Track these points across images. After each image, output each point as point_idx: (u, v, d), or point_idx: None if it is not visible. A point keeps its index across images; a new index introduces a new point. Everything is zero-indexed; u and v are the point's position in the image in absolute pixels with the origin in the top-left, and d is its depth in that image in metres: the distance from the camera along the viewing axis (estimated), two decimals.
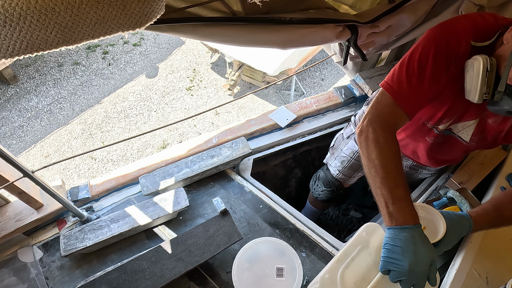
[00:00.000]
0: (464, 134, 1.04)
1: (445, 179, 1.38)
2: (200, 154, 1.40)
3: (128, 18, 0.54)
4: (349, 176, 1.52)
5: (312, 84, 4.73)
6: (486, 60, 0.80)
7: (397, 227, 0.80)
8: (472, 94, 0.85)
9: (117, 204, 1.32)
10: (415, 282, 0.77)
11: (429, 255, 0.78)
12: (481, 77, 0.80)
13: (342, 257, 0.89)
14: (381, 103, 0.93)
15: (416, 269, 0.76)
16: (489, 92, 0.83)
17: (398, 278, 0.78)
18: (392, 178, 0.84)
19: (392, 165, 0.86)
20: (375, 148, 0.87)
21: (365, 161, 0.90)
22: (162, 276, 1.03)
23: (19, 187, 1.07)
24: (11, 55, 0.48)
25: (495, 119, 0.97)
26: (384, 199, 0.83)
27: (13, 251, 1.16)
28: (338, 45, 1.48)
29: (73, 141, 3.83)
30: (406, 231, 0.79)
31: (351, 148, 1.44)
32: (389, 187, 0.83)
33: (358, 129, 0.94)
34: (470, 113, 0.97)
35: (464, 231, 0.92)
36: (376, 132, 0.89)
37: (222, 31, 0.96)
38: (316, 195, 1.64)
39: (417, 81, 0.88)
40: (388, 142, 0.88)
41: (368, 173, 0.89)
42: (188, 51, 5.00)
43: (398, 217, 0.81)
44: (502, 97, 0.81)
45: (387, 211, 0.83)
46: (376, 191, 0.86)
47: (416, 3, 1.21)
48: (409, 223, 0.80)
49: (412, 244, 0.78)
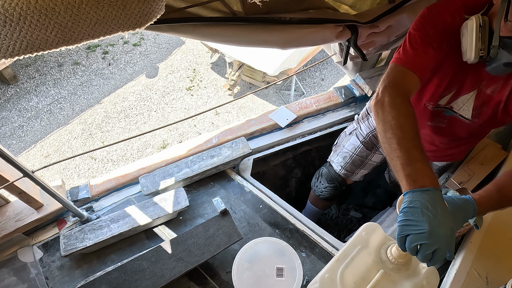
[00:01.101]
0: (465, 110, 1.05)
1: (445, 179, 1.38)
2: (200, 154, 1.40)
3: (128, 18, 0.54)
4: (351, 172, 1.52)
5: (312, 84, 4.73)
6: (478, 17, 0.85)
7: (416, 190, 0.74)
8: (468, 52, 0.87)
9: (117, 204, 1.32)
10: (438, 246, 0.68)
11: (450, 220, 0.72)
12: (475, 33, 0.84)
13: (342, 257, 0.89)
14: (393, 72, 0.94)
15: (438, 231, 0.69)
16: (485, 48, 0.85)
17: (417, 242, 0.70)
18: (409, 138, 0.81)
19: (409, 125, 0.83)
20: (391, 110, 0.85)
21: (381, 126, 0.86)
22: (162, 276, 1.03)
23: (19, 187, 1.07)
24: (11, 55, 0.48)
25: (493, 88, 0.98)
26: (400, 161, 0.78)
27: (13, 251, 1.16)
28: (338, 45, 1.48)
29: (73, 141, 3.83)
30: (426, 193, 0.73)
31: (353, 143, 1.46)
32: (406, 148, 0.79)
33: (373, 100, 0.92)
34: (468, 84, 0.99)
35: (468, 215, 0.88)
36: (391, 96, 0.88)
37: (222, 31, 0.96)
38: (318, 192, 1.65)
39: (422, 47, 0.91)
40: (404, 103, 0.87)
41: (383, 137, 0.85)
42: (188, 51, 5.00)
43: (416, 179, 0.75)
44: (497, 52, 0.83)
45: (403, 174, 0.77)
46: (392, 154, 0.81)
47: (416, 3, 1.21)
48: (428, 185, 0.74)
49: (432, 206, 0.71)
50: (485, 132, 1.23)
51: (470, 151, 1.40)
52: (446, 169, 1.43)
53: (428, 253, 0.69)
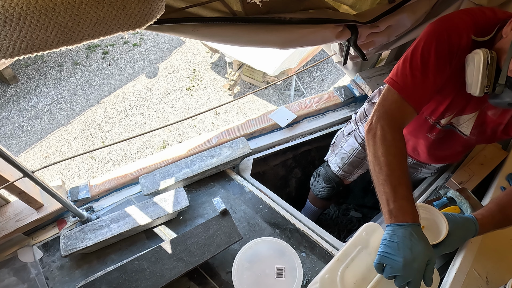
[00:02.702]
0: (464, 127, 1.05)
1: (445, 179, 1.38)
2: (200, 154, 1.40)
3: (128, 18, 0.54)
4: (349, 173, 1.52)
5: (312, 84, 4.73)
6: (486, 53, 0.81)
7: (396, 224, 0.80)
8: (473, 87, 0.86)
9: (117, 204, 1.32)
10: (410, 279, 0.75)
11: (426, 253, 0.77)
12: (482, 70, 0.81)
13: (342, 257, 0.89)
14: (388, 99, 0.93)
15: (411, 264, 0.75)
16: (490, 85, 0.83)
17: (392, 274, 0.77)
18: (396, 176, 0.84)
19: (397, 163, 0.86)
20: (381, 145, 0.87)
21: (371, 158, 0.90)
22: (162, 276, 1.03)
23: (19, 187, 1.07)
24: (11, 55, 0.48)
25: (494, 111, 0.97)
26: (386, 197, 0.83)
27: (13, 251, 1.16)
28: (338, 45, 1.48)
29: (73, 141, 3.83)
30: (404, 228, 0.79)
31: (351, 145, 1.45)
32: (392, 185, 0.83)
33: (367, 126, 0.93)
34: (471, 106, 0.98)
35: (468, 234, 0.91)
36: (383, 130, 0.89)
37: (222, 31, 0.96)
38: (316, 192, 1.65)
39: (421, 74, 0.88)
40: (395, 140, 0.88)
41: (372, 170, 0.89)
42: (188, 51, 5.00)
43: (397, 215, 0.81)
44: (503, 90, 0.82)
45: (387, 209, 0.83)
46: (379, 188, 0.86)
47: (416, 3, 1.21)
48: (408, 221, 0.80)
49: (408, 240, 0.77)
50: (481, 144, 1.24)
51: (469, 154, 1.40)
52: (446, 169, 1.43)
53: (403, 284, 0.76)
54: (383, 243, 0.81)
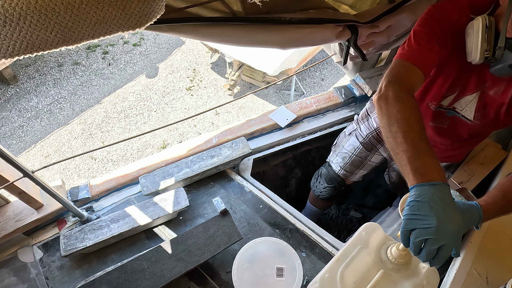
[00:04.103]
0: (467, 111, 1.04)
1: None
2: (200, 154, 1.40)
3: (128, 18, 0.54)
4: (350, 173, 1.52)
5: (312, 84, 4.73)
6: (485, 17, 0.83)
7: (424, 184, 0.71)
8: (473, 53, 0.86)
9: (117, 204, 1.32)
10: (445, 242, 0.66)
11: (459, 217, 0.70)
12: (481, 33, 0.83)
13: (342, 256, 0.89)
14: (397, 67, 0.92)
15: (446, 226, 0.66)
16: (490, 50, 0.84)
17: (423, 236, 0.67)
18: (415, 131, 0.78)
19: (415, 119, 0.80)
20: (396, 104, 0.82)
21: (385, 120, 0.83)
22: (162, 276, 1.03)
23: (19, 187, 1.07)
24: (11, 55, 0.48)
25: (496, 90, 0.97)
26: (407, 155, 0.75)
27: (13, 251, 1.16)
28: (338, 45, 1.48)
29: (73, 141, 3.83)
30: (434, 187, 0.70)
31: (352, 144, 1.46)
32: (412, 142, 0.76)
33: (376, 96, 0.90)
34: (472, 85, 0.98)
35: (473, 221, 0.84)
36: (395, 91, 0.85)
37: (222, 31, 0.96)
38: (317, 193, 1.64)
39: (427, 43, 0.90)
40: (409, 97, 0.85)
41: (387, 132, 0.82)
42: (188, 51, 5.00)
43: (424, 172, 0.72)
44: (503, 53, 0.82)
45: (410, 168, 0.73)
46: (397, 148, 0.78)
47: (416, 3, 1.21)
48: (437, 179, 0.71)
49: (440, 201, 0.68)
50: (487, 133, 1.22)
51: (470, 152, 1.40)
52: (446, 169, 1.43)
53: (434, 248, 0.66)
54: (410, 204, 0.70)
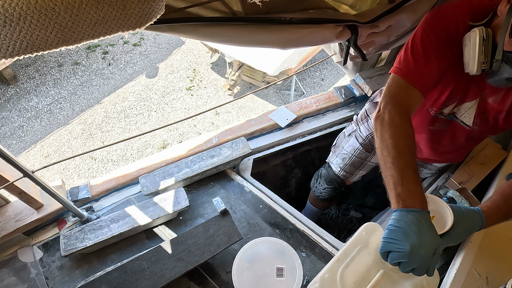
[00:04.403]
0: (466, 117, 1.05)
1: (445, 179, 1.38)
2: (200, 154, 1.40)
3: (128, 18, 0.54)
4: (350, 173, 1.52)
5: (312, 84, 4.73)
6: (482, 30, 0.83)
7: (403, 209, 0.77)
8: (470, 65, 0.86)
9: (117, 204, 1.32)
10: (416, 266, 0.73)
11: (434, 240, 0.75)
12: (478, 46, 0.82)
13: (342, 256, 0.89)
14: (394, 85, 0.93)
15: (417, 251, 0.72)
16: (487, 62, 0.84)
17: (397, 260, 0.74)
18: (403, 158, 0.82)
19: (404, 146, 0.84)
20: (389, 128, 0.87)
21: (379, 143, 0.88)
22: (162, 276, 1.03)
23: (19, 187, 1.07)
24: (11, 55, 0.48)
25: (495, 97, 0.97)
26: (393, 180, 0.81)
27: (13, 251, 1.16)
28: (338, 45, 1.48)
29: (73, 141, 3.83)
30: (412, 214, 0.76)
31: (352, 145, 1.46)
32: (399, 168, 0.81)
33: (375, 114, 0.93)
34: (471, 93, 0.98)
35: (474, 227, 0.88)
36: (391, 114, 0.88)
37: (222, 31, 0.96)
38: (317, 193, 1.65)
39: (424, 59, 0.89)
40: (402, 123, 0.88)
41: (380, 154, 0.88)
42: (188, 51, 5.00)
43: (405, 199, 0.78)
44: (500, 66, 0.82)
45: (395, 193, 0.80)
46: (386, 172, 0.84)
47: (416, 3, 1.21)
48: (417, 206, 0.77)
49: (416, 227, 0.74)
50: (485, 137, 1.23)
51: (470, 152, 1.40)
52: (446, 169, 1.43)
53: (407, 270, 0.74)
54: (389, 228, 0.77)
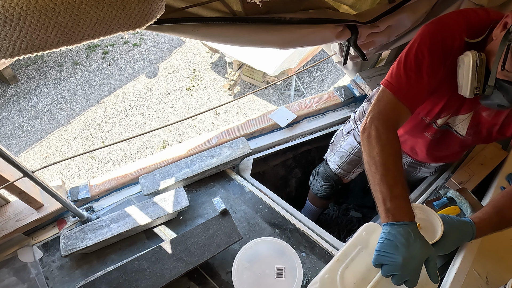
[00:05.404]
0: (460, 128, 1.06)
1: (445, 179, 1.38)
2: (200, 154, 1.40)
3: (128, 18, 0.54)
4: (348, 171, 1.52)
5: (312, 84, 4.73)
6: (475, 55, 0.82)
7: (393, 223, 0.81)
8: (464, 89, 0.87)
9: (117, 204, 1.32)
10: (408, 278, 0.76)
11: (424, 251, 0.78)
12: (471, 72, 0.83)
13: (342, 257, 0.89)
14: (383, 100, 0.94)
15: (408, 264, 0.76)
16: (480, 87, 0.84)
17: (390, 272, 0.78)
18: (391, 175, 0.85)
19: (392, 163, 0.87)
20: (376, 145, 0.88)
21: (366, 158, 0.91)
22: (162, 276, 1.03)
23: (19, 187, 1.07)
24: (11, 55, 0.48)
25: (489, 112, 0.98)
26: (382, 196, 0.84)
27: (13, 251, 1.16)
28: (338, 45, 1.48)
29: (73, 141, 3.83)
30: (401, 227, 0.80)
31: (350, 143, 1.46)
32: (388, 184, 0.84)
33: (361, 127, 0.95)
34: (466, 107, 0.99)
35: (465, 237, 0.91)
36: (378, 130, 0.90)
37: (222, 31, 0.96)
38: (315, 191, 1.65)
39: (416, 75, 0.89)
40: (389, 139, 0.89)
41: (368, 170, 0.90)
42: (188, 51, 5.00)
43: (394, 213, 0.82)
44: (492, 91, 0.83)
45: (384, 208, 0.84)
46: (375, 188, 0.87)
47: (416, 3, 1.21)
48: (405, 219, 0.81)
49: (406, 240, 0.78)
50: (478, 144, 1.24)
51: (468, 153, 1.40)
52: (446, 169, 1.43)
53: (400, 282, 0.77)
54: (381, 241, 0.82)
